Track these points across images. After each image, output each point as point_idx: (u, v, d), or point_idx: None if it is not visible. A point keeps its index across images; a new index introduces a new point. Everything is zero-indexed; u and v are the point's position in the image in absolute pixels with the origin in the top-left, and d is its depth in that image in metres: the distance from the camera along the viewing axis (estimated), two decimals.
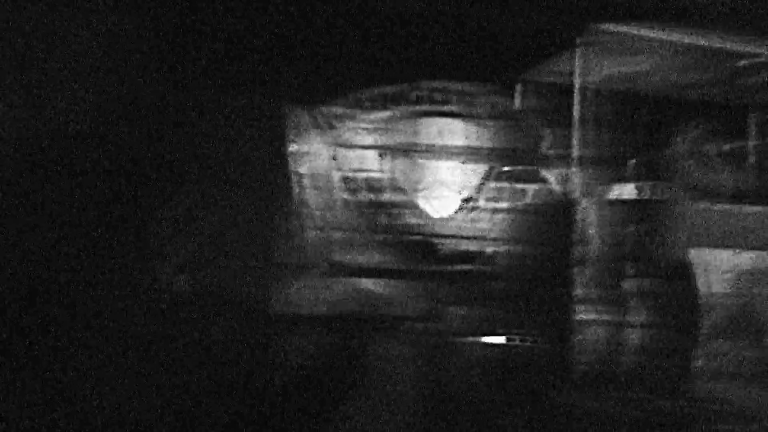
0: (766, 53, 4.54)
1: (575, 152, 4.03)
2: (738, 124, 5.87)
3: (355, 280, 6.22)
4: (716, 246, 4.00)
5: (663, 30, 4.20)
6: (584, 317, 3.75)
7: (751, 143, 5.52)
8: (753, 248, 4.19)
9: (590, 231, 3.95)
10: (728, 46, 4.31)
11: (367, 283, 6.26)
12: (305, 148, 6.09)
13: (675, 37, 4.21)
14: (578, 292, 3.77)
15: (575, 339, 3.69)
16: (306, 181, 5.97)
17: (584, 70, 4.18)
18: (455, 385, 3.39)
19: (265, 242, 5.99)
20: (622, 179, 5.07)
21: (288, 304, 5.73)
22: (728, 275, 4.10)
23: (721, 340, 3.96)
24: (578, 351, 3.71)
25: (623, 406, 3.45)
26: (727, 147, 3.89)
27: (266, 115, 5.94)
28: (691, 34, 4.22)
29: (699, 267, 3.77)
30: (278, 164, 6.05)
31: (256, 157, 5.88)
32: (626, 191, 4.84)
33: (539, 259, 4.35)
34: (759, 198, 5.12)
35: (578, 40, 3.99)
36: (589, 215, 3.96)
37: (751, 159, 5.39)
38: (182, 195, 5.92)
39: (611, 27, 3.92)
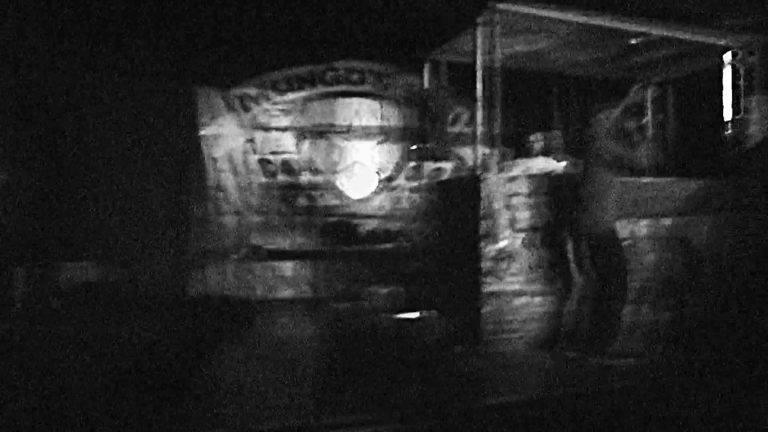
0: (654, 32, 4.78)
1: (484, 130, 4.15)
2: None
3: (275, 263, 6.21)
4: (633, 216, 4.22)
5: (559, 10, 4.34)
6: (492, 289, 3.90)
7: (641, 118, 5.85)
8: (648, 216, 4.44)
9: (497, 205, 4.08)
10: (620, 25, 4.52)
11: (288, 266, 6.27)
12: (219, 131, 6.00)
13: (570, 16, 4.37)
14: (486, 265, 3.91)
15: (484, 310, 3.85)
16: (221, 165, 5.88)
17: (486, 48, 4.28)
18: (371, 357, 3.48)
19: (180, 229, 5.89)
20: (526, 154, 5.26)
21: (206, 290, 5.68)
22: (627, 242, 4.34)
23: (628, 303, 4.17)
24: (487, 321, 3.86)
25: (530, 368, 3.63)
26: (621, 122, 4.06)
27: (177, 98, 5.79)
28: (585, 13, 4.39)
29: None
30: (191, 149, 5.93)
31: (167, 142, 5.74)
32: (530, 166, 5.02)
33: (454, 234, 4.48)
34: (654, 170, 5.45)
35: (479, 20, 4.09)
36: (496, 190, 4.09)
37: (644, 133, 5.71)
38: (87, 183, 5.72)
39: (510, 6, 4.03)
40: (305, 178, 6.20)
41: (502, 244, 4.08)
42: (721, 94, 5.85)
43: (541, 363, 3.71)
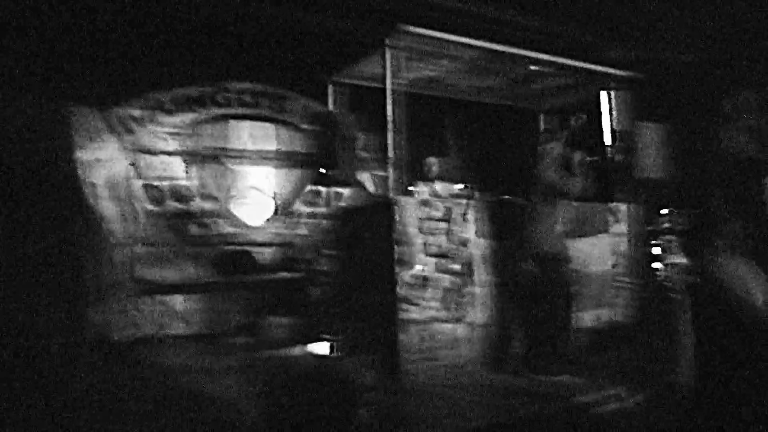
0: (553, 59, 4.99)
1: (388, 154, 4.06)
2: (532, 125, 6.44)
3: (164, 297, 5.68)
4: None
5: (464, 35, 4.40)
6: (408, 317, 3.77)
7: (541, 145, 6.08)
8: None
9: (411, 230, 3.99)
10: (520, 52, 4.66)
11: (179, 300, 5.77)
12: (99, 154, 5.43)
13: (474, 41, 4.44)
14: (401, 292, 3.79)
15: (400, 339, 3.71)
16: (102, 191, 5.31)
17: (393, 72, 4.22)
18: (276, 396, 3.20)
19: (53, 262, 5.23)
20: (427, 179, 5.26)
21: (89, 329, 5.06)
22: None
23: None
24: (404, 350, 3.72)
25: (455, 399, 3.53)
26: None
27: (49, 118, 5.16)
28: (488, 39, 4.48)
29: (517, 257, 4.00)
30: (66, 174, 5.31)
31: (38, 166, 5.09)
32: (431, 190, 5.04)
33: (360, 261, 4.33)
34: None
35: (388, 42, 4.02)
36: (410, 214, 4.01)
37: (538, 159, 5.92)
38: None
39: (418, 30, 4.01)
40: (196, 204, 5.78)
41: (417, 269, 3.98)
42: (605, 122, 6.24)
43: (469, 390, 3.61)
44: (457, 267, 4.05)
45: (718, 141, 5.95)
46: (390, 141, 4.12)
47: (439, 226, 4.13)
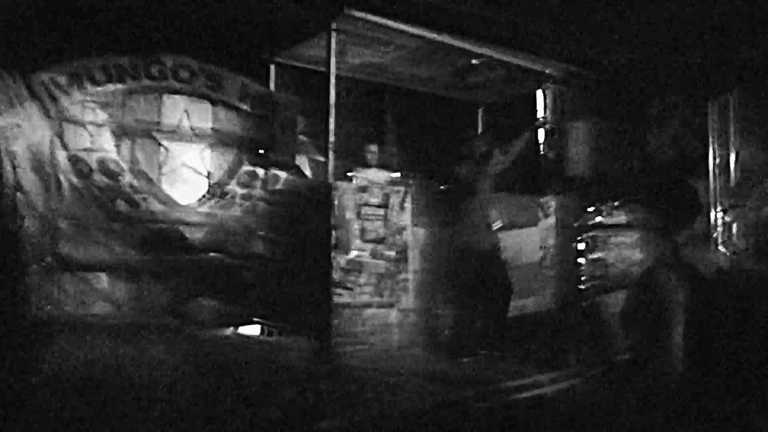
0: (493, 53, 5.09)
1: (328, 139, 4.03)
2: (471, 118, 6.56)
3: (88, 275, 5.43)
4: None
5: (409, 23, 4.40)
6: (342, 301, 3.79)
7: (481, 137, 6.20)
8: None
9: (349, 215, 4.00)
10: (462, 44, 4.72)
11: (104, 279, 5.53)
12: (19, 121, 5.10)
13: (418, 30, 4.46)
14: (336, 276, 3.80)
15: (334, 323, 3.72)
16: (21, 160, 4.99)
17: (338, 56, 4.19)
18: (205, 379, 3.15)
19: None
20: (366, 165, 5.26)
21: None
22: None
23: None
24: (336, 334, 3.74)
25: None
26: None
27: None
28: (432, 29, 4.52)
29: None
30: None
31: None
32: (366, 176, 5.05)
33: (296, 244, 4.29)
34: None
35: (334, 26, 3.98)
36: (349, 199, 4.01)
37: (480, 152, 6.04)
38: None
39: (365, 15, 3.98)
40: (125, 180, 5.55)
41: (353, 254, 4.00)
42: (534, 118, 6.43)
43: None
44: (392, 253, 4.10)
45: (645, 142, 6.24)
46: (332, 126, 4.10)
47: (377, 213, 4.15)
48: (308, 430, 2.62)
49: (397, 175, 5.36)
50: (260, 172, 6.07)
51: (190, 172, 5.89)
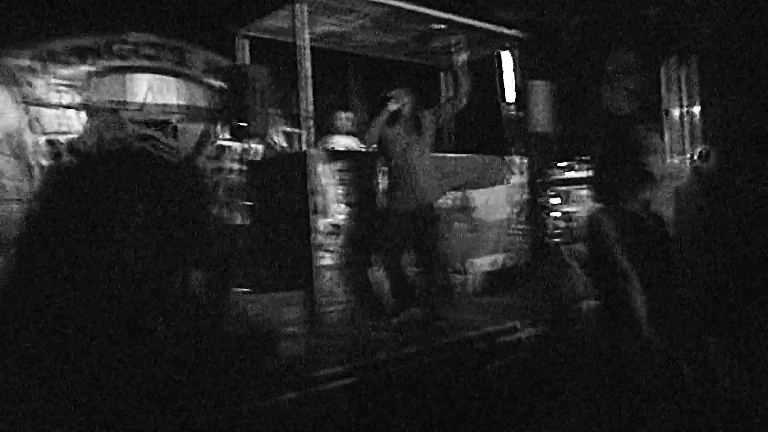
0: (451, 18, 5.23)
1: (300, 108, 4.16)
2: (433, 83, 6.71)
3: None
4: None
5: None
6: (323, 263, 3.97)
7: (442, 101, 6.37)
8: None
9: (326, 180, 4.14)
10: (423, 10, 4.87)
11: None
12: None
13: None
14: (317, 239, 3.97)
15: (316, 284, 3.90)
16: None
17: (303, 27, 4.28)
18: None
19: None
20: (332, 133, 5.38)
21: None
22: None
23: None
24: (319, 294, 3.92)
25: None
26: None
27: None
28: None
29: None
30: None
31: None
32: (336, 144, 5.18)
33: (273, 211, 4.44)
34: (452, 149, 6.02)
35: None
36: (324, 166, 4.15)
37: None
38: None
39: None
40: None
41: (331, 219, 4.17)
42: (500, 80, 6.61)
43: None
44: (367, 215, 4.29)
45: (601, 99, 6.49)
46: (309, 96, 4.24)
47: (349, 177, 4.32)
48: (307, 377, 2.83)
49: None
50: (232, 144, 6.19)
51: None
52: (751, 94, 5.28)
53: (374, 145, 4.06)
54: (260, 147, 5.34)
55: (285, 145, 6.07)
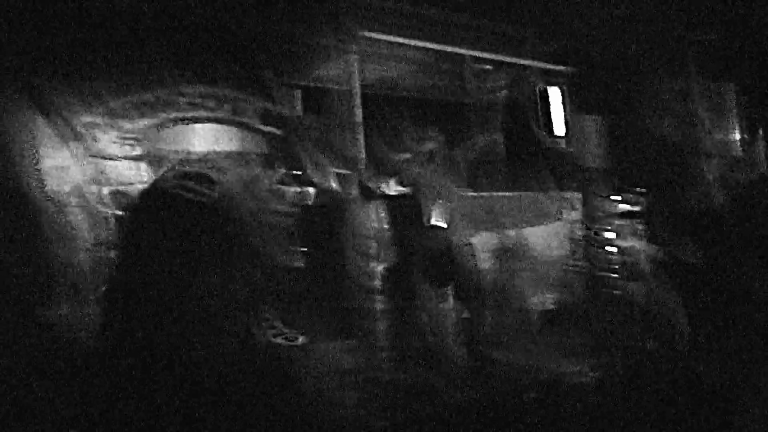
0: (494, 57, 5.30)
1: (358, 154, 4.30)
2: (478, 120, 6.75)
3: None
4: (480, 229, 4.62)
5: (413, 37, 4.66)
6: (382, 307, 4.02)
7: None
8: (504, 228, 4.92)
9: (371, 225, 4.21)
10: (473, 53, 4.97)
11: None
12: (63, 162, 5.42)
13: (429, 44, 4.71)
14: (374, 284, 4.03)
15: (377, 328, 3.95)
16: (69, 200, 5.30)
17: (354, 74, 4.44)
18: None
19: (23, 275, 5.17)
20: (393, 175, 5.47)
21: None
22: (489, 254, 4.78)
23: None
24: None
25: None
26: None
27: (11, 128, 5.12)
28: (433, 40, 4.74)
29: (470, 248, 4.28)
30: (30, 184, 5.28)
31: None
32: (387, 186, 5.27)
33: (330, 256, 4.53)
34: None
35: (354, 48, 4.24)
36: (368, 210, 4.24)
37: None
38: None
39: (381, 35, 4.24)
40: None
41: (384, 263, 4.24)
42: (541, 115, 6.60)
43: None
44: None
45: (657, 128, 6.41)
46: (356, 140, 4.36)
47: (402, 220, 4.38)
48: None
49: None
50: (284, 189, 6.36)
51: None
52: None
53: (411, 186, 4.11)
54: (312, 190, 5.45)
55: (335, 187, 6.20)
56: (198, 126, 6.30)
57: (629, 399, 3.47)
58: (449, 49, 4.91)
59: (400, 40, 4.57)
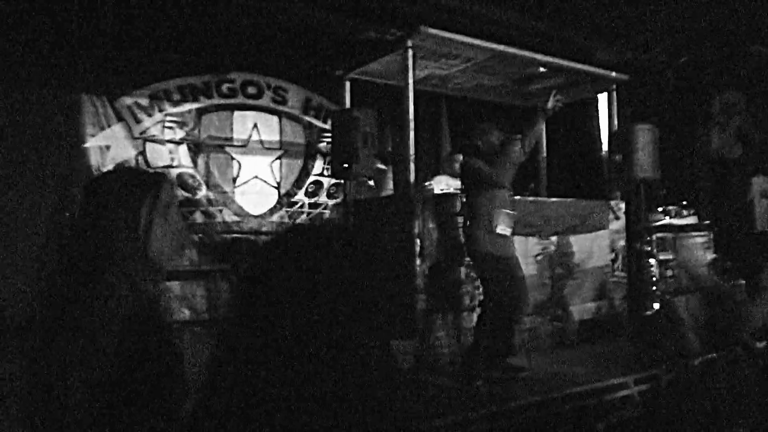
0: (550, 60, 5.16)
1: (409, 151, 4.19)
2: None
3: (168, 283, 5.67)
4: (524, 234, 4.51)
5: (472, 36, 4.53)
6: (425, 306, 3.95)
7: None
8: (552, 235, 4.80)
9: (431, 224, 4.11)
10: (530, 55, 4.82)
11: (177, 285, 5.74)
12: (108, 142, 5.42)
13: (486, 43, 4.58)
14: (419, 282, 3.96)
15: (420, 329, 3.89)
16: None
17: (408, 70, 4.33)
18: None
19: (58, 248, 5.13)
20: (445, 173, 5.35)
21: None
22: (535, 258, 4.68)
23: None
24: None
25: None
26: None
27: (59, 107, 5.11)
28: (493, 40, 4.60)
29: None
30: (76, 161, 5.28)
31: (48, 155, 5.04)
32: (441, 184, 5.15)
33: (375, 252, 4.46)
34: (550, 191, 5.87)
35: (410, 43, 4.13)
36: (431, 208, 4.14)
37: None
38: None
39: (439, 32, 4.12)
40: (202, 193, 5.83)
41: (432, 262, 4.16)
42: (597, 122, 6.46)
43: None
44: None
45: (706, 142, 6.23)
46: (411, 138, 4.27)
47: (453, 221, 4.29)
48: (424, 427, 2.79)
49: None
50: (325, 180, 6.33)
51: (261, 183, 6.15)
52: None
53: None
54: (351, 183, 5.40)
55: (373, 183, 6.12)
56: (243, 113, 6.27)
57: (673, 411, 3.37)
58: (510, 50, 4.75)
59: (458, 37, 4.44)
